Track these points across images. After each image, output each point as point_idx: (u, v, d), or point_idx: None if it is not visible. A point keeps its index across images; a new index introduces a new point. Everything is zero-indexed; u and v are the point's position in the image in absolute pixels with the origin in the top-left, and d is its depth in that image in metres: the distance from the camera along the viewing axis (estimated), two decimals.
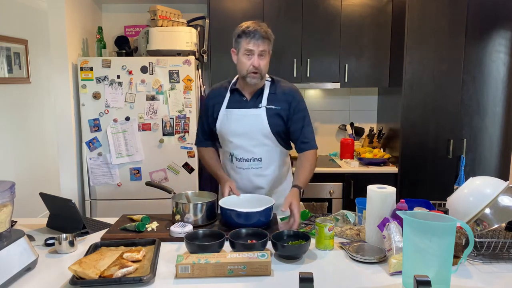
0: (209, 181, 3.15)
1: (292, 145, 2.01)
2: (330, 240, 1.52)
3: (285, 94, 1.92)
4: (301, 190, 1.77)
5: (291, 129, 1.93)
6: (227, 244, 1.50)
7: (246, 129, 1.90)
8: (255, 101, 1.92)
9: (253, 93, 1.92)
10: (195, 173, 3.05)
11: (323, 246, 1.51)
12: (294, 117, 1.91)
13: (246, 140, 1.92)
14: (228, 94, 1.96)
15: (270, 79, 1.96)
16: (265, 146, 1.93)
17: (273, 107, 1.90)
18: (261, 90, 1.93)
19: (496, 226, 1.45)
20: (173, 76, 2.94)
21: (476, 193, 1.49)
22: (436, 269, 1.16)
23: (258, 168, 1.95)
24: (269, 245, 1.51)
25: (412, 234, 1.18)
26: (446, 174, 3.09)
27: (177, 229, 1.61)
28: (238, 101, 1.94)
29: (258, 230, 1.55)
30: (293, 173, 1.99)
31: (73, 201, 1.69)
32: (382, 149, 3.40)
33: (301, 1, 3.18)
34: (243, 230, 1.55)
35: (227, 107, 1.94)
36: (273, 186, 2.01)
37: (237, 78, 1.98)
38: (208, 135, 2.06)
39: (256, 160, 1.94)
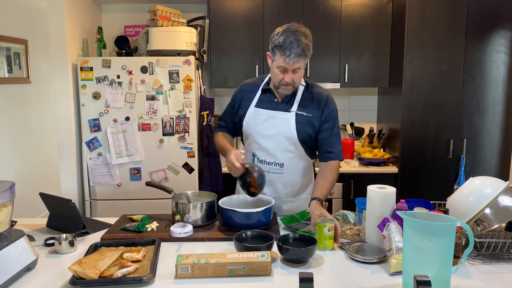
0: (209, 181, 3.15)
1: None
2: (330, 241, 1.52)
3: (319, 101, 1.84)
4: (322, 203, 1.72)
5: (319, 137, 1.86)
6: (227, 244, 1.50)
7: (272, 132, 1.84)
8: (285, 104, 1.84)
9: (285, 96, 1.85)
10: (195, 173, 3.05)
11: (322, 246, 1.51)
12: (324, 125, 1.84)
13: (270, 143, 1.85)
14: (259, 93, 1.90)
15: (304, 83, 1.87)
16: (289, 152, 1.85)
17: (304, 113, 1.82)
18: (294, 93, 1.84)
19: (496, 226, 1.45)
20: (173, 76, 2.94)
21: (476, 193, 1.49)
22: (436, 269, 1.16)
23: (279, 174, 1.87)
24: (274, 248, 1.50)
25: (412, 234, 1.18)
26: (446, 174, 3.09)
27: (177, 229, 1.61)
28: (268, 102, 1.87)
29: (264, 232, 1.54)
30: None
31: (73, 201, 1.69)
32: (382, 149, 3.41)
33: (301, 1, 3.18)
34: (249, 233, 1.54)
35: (256, 106, 1.88)
36: (290, 194, 1.93)
37: (269, 77, 1.89)
38: (227, 124, 2.01)
39: (278, 165, 1.86)
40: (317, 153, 1.95)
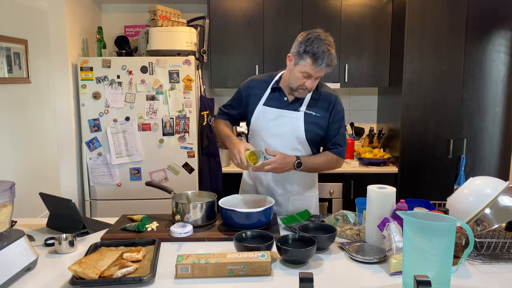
0: (209, 181, 3.15)
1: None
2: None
3: (328, 102, 1.86)
4: (297, 162, 1.76)
5: (325, 135, 1.90)
6: (227, 244, 1.49)
7: (281, 130, 1.85)
8: (294, 104, 1.86)
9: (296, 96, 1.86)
10: (195, 173, 3.05)
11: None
12: (331, 126, 1.88)
13: (278, 142, 1.86)
14: (268, 91, 1.89)
15: None
16: (297, 151, 1.86)
17: (313, 113, 1.85)
18: None
19: (496, 226, 1.45)
20: (173, 76, 2.94)
21: (476, 193, 1.49)
22: (436, 269, 1.16)
23: (286, 173, 1.85)
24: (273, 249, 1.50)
25: (412, 234, 1.18)
26: (446, 174, 3.09)
27: (177, 229, 1.61)
28: (278, 100, 1.87)
29: (264, 232, 1.54)
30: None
31: (73, 201, 1.69)
32: (382, 149, 3.40)
33: (301, 1, 3.18)
34: (249, 233, 1.54)
35: (265, 104, 1.88)
36: (297, 192, 1.95)
37: (280, 76, 1.91)
38: (232, 113, 2.02)
39: None
40: (321, 149, 1.98)
